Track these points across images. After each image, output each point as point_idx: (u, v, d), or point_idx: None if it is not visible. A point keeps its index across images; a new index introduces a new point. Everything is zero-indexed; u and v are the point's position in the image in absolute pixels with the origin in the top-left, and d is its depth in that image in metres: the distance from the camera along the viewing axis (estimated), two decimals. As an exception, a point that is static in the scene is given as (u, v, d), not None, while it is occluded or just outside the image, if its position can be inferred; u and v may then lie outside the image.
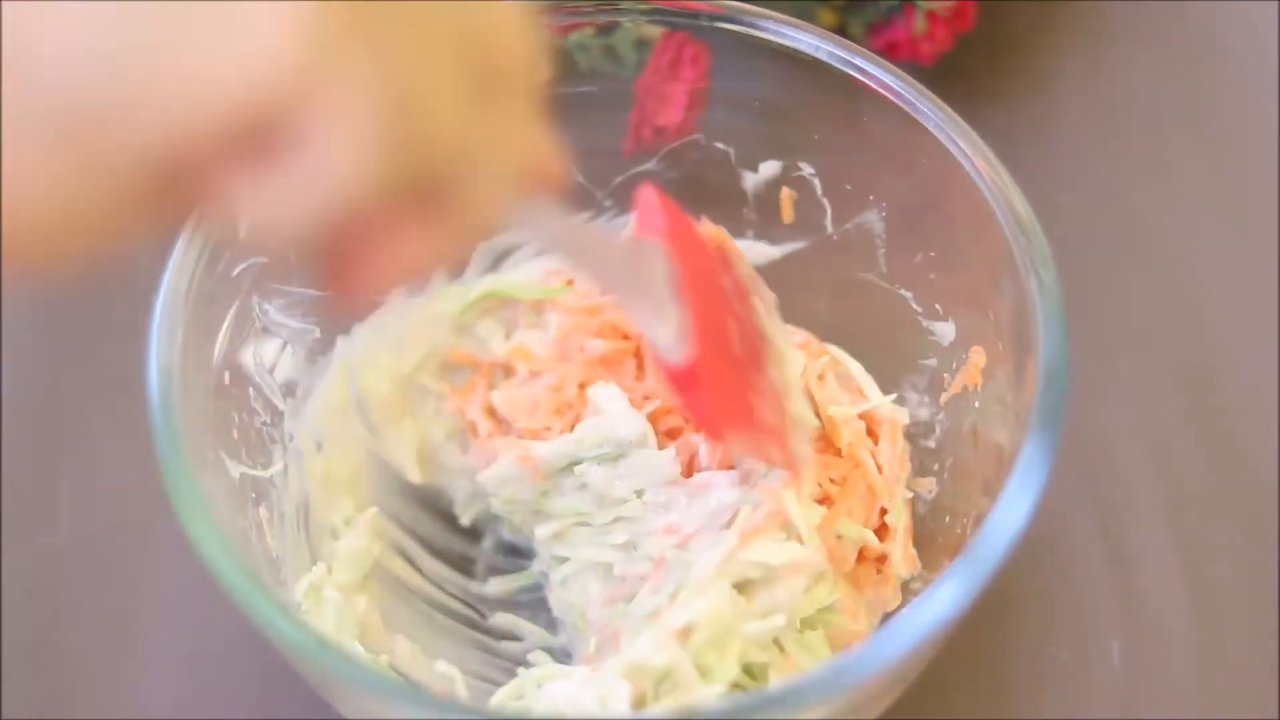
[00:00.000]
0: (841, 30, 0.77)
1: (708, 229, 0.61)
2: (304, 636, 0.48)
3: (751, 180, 0.66)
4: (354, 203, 0.33)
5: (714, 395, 0.53)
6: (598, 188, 0.67)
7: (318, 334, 0.62)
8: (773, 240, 0.67)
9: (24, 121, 0.30)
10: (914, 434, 0.64)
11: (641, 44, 0.66)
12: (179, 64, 0.30)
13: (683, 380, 0.52)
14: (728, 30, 0.61)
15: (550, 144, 0.41)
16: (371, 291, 0.37)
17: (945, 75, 0.72)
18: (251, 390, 0.59)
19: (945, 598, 0.48)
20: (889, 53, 0.76)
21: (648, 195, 0.54)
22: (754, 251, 0.68)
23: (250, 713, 0.63)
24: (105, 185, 0.31)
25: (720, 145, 0.66)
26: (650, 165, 0.66)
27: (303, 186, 0.32)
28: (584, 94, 0.66)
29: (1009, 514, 0.49)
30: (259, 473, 0.58)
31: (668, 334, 0.52)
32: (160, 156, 0.31)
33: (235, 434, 0.57)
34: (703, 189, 0.67)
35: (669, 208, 0.54)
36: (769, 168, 0.65)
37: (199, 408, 0.54)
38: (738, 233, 0.67)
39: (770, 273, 0.67)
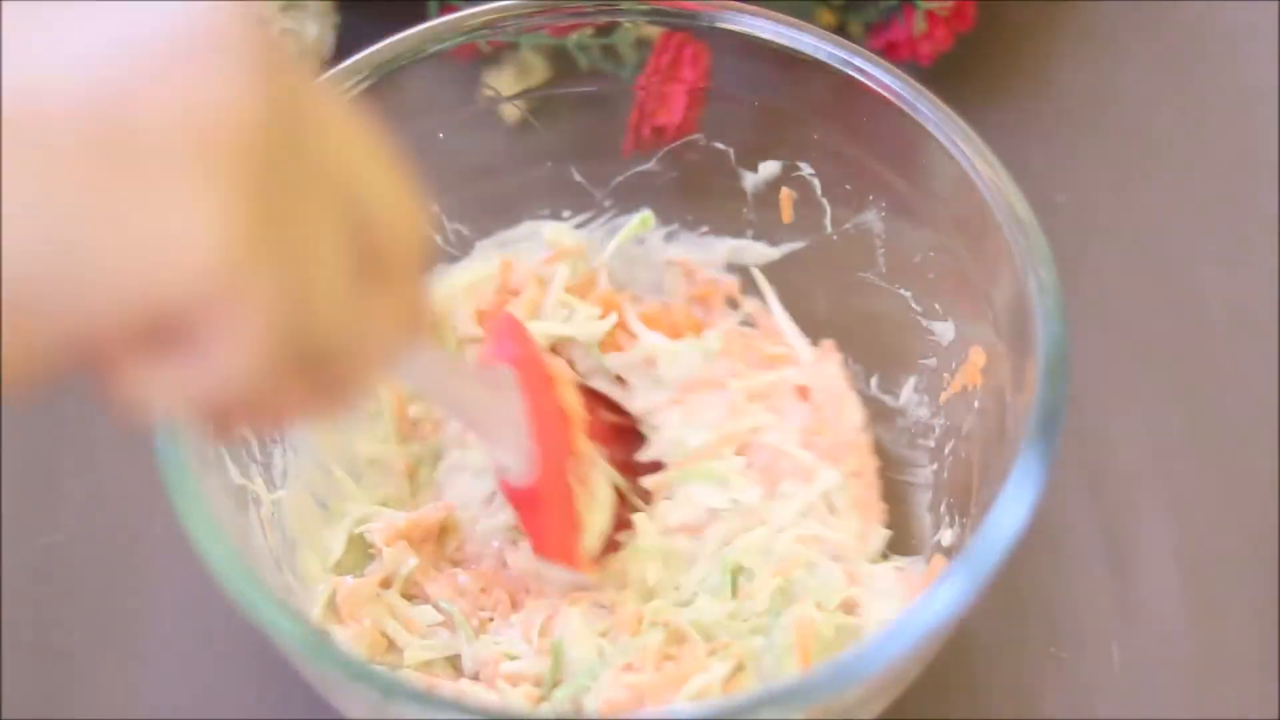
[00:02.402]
0: (841, 30, 0.77)
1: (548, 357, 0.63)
2: (305, 635, 0.48)
3: (751, 180, 0.66)
4: (243, 390, 0.35)
5: (548, 515, 0.57)
6: (597, 188, 0.67)
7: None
8: (772, 240, 0.67)
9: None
10: (913, 433, 0.64)
11: (641, 44, 0.66)
12: (105, 260, 0.32)
13: (526, 501, 0.57)
14: (728, 30, 0.61)
15: (425, 301, 0.42)
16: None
17: (945, 75, 0.72)
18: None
19: (945, 598, 0.48)
20: (889, 53, 0.76)
21: (502, 323, 0.59)
22: (753, 252, 0.68)
23: (250, 713, 0.63)
24: (18, 359, 0.33)
25: (720, 145, 0.66)
26: (649, 165, 0.66)
27: (197, 377, 0.34)
28: (584, 94, 0.66)
29: (1009, 514, 0.49)
30: (255, 484, 0.58)
31: (517, 460, 0.56)
32: (82, 334, 0.33)
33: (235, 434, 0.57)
34: (702, 189, 0.67)
35: (520, 335, 0.59)
36: (768, 168, 0.65)
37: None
38: (737, 233, 0.68)
39: (770, 273, 0.68)
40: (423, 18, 0.61)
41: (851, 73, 0.60)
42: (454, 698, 0.55)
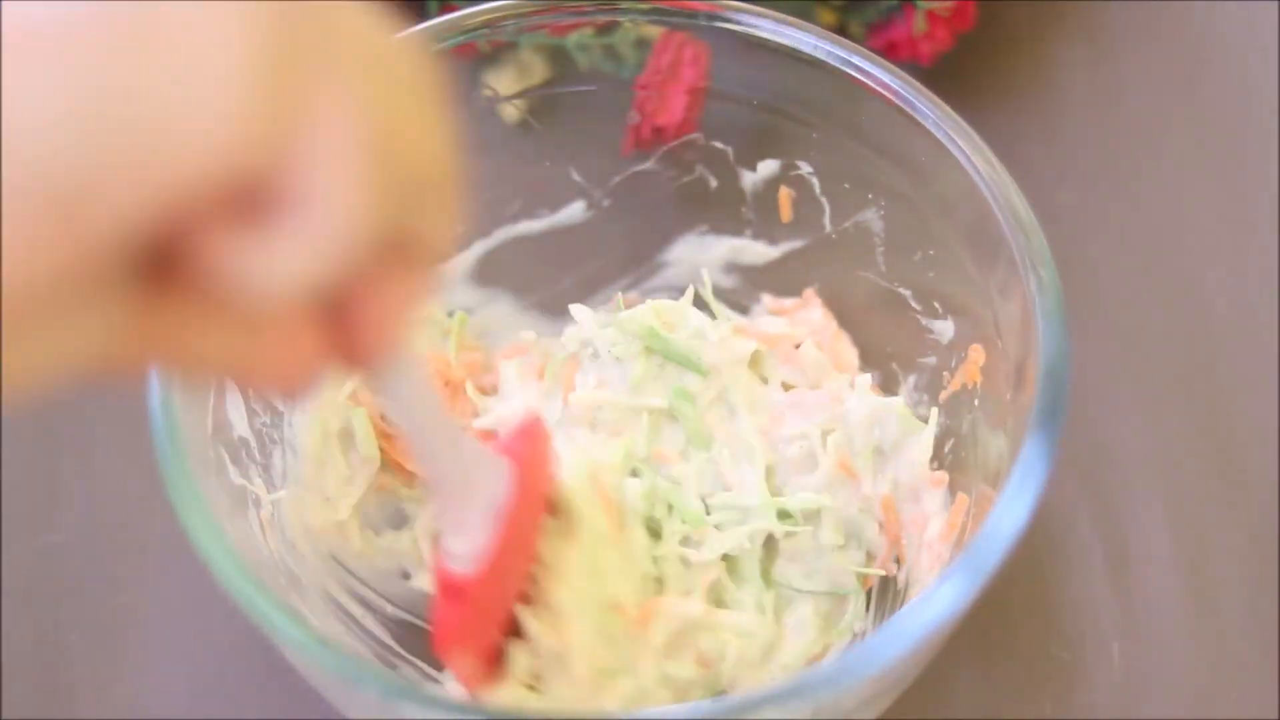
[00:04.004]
0: (841, 30, 0.77)
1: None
2: (305, 636, 0.48)
3: (750, 179, 0.66)
4: (360, 247, 0.32)
5: (465, 618, 0.52)
6: (596, 187, 0.67)
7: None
8: (771, 240, 0.67)
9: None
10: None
11: (641, 44, 0.66)
12: (144, 122, 0.29)
13: (451, 591, 0.51)
14: (728, 30, 0.61)
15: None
16: (378, 352, 0.36)
17: (945, 75, 0.72)
18: (251, 390, 0.59)
19: (945, 598, 0.48)
20: (889, 53, 0.76)
21: (528, 421, 0.54)
22: (752, 251, 0.68)
23: (251, 713, 0.63)
24: (93, 267, 0.30)
25: (719, 144, 0.66)
26: (649, 165, 0.67)
27: (308, 238, 0.31)
28: (584, 94, 0.66)
29: (1009, 514, 0.49)
30: (255, 484, 0.58)
31: (464, 547, 0.50)
32: (144, 226, 0.30)
33: (235, 435, 0.57)
34: (701, 188, 0.67)
35: (537, 439, 0.54)
36: (767, 167, 0.65)
37: (199, 408, 0.54)
38: (736, 232, 0.68)
39: (769, 272, 0.68)
40: (423, 17, 0.61)
41: (851, 72, 0.60)
42: (454, 699, 0.55)
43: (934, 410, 0.62)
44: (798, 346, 0.66)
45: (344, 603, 0.60)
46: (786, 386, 0.64)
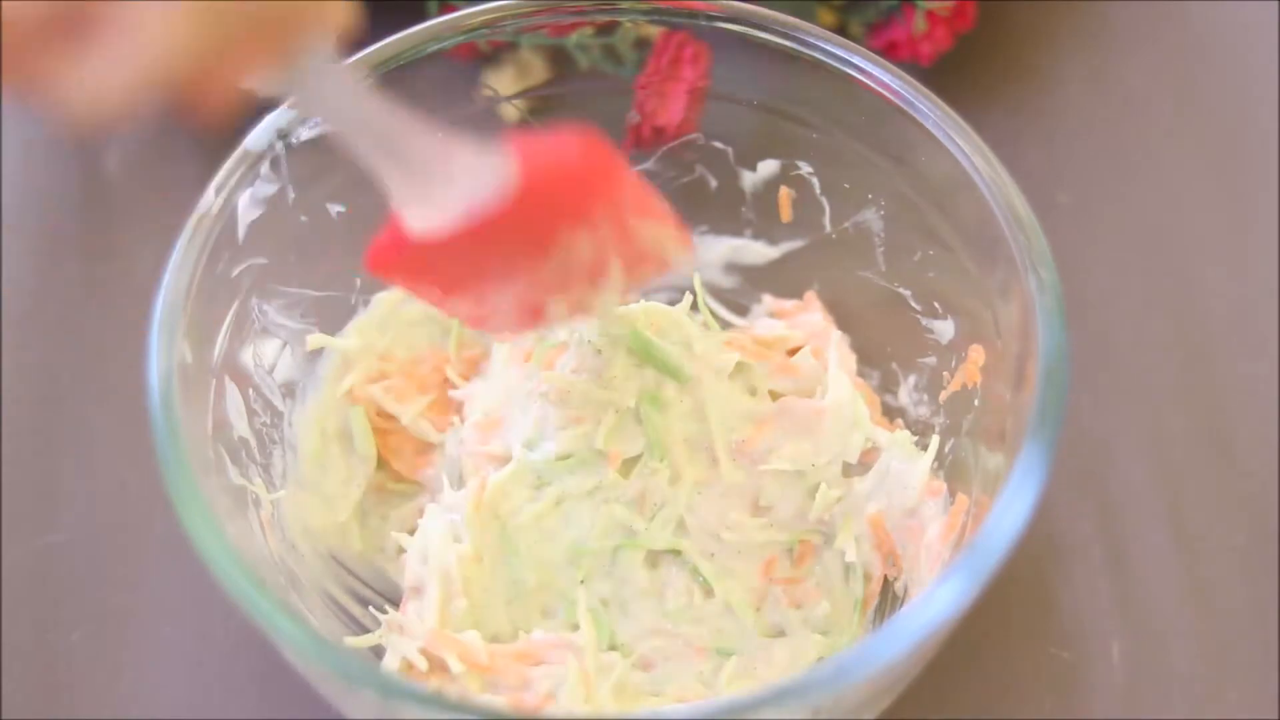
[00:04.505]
0: (841, 30, 0.77)
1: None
2: (305, 636, 0.48)
3: (750, 179, 0.66)
4: (176, 67, 0.34)
5: (400, 259, 0.52)
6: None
7: (317, 334, 0.62)
8: (771, 240, 0.67)
9: None
10: (913, 432, 0.64)
11: (641, 44, 0.66)
12: None
13: (396, 235, 0.51)
14: (728, 30, 0.61)
15: None
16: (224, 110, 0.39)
17: (945, 75, 0.72)
18: (251, 390, 0.59)
19: (945, 598, 0.48)
20: (889, 52, 0.76)
21: (570, 139, 0.50)
22: (752, 251, 0.68)
23: (250, 713, 0.63)
24: None
25: (718, 144, 0.66)
26: (648, 165, 0.66)
27: (122, 60, 0.34)
28: (584, 94, 0.66)
29: (1009, 513, 0.49)
30: (255, 484, 0.58)
31: (420, 222, 0.50)
32: None
33: (235, 435, 0.57)
34: (701, 188, 0.67)
35: (588, 156, 0.50)
36: (767, 167, 0.65)
37: (199, 408, 0.54)
38: (736, 232, 0.68)
39: (769, 272, 0.68)
40: (422, 17, 0.61)
41: (851, 72, 0.60)
42: (454, 699, 0.55)
43: (934, 439, 0.62)
44: (794, 351, 0.66)
45: (344, 603, 0.60)
46: (774, 395, 0.64)
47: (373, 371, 0.64)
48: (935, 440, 0.62)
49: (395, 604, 0.61)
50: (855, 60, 0.60)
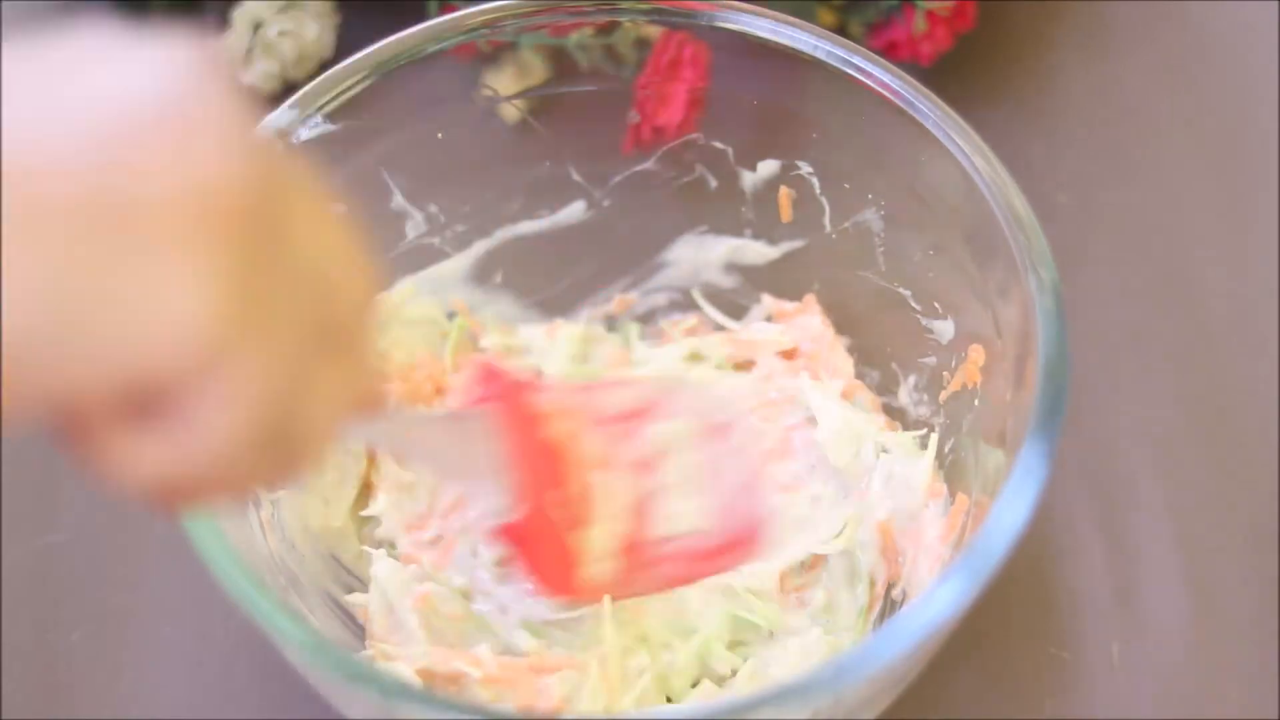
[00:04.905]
0: (841, 30, 0.77)
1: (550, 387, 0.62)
2: (306, 636, 0.48)
3: (750, 179, 0.66)
4: (220, 462, 0.35)
5: (539, 549, 0.56)
6: (596, 187, 0.67)
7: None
8: (771, 240, 0.67)
9: None
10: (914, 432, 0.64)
11: (641, 44, 0.66)
12: (101, 322, 0.32)
13: (518, 539, 0.56)
14: (728, 30, 0.61)
15: (376, 373, 0.43)
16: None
17: (945, 75, 0.72)
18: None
19: (945, 598, 0.48)
20: (889, 53, 0.76)
21: (477, 371, 0.59)
22: (752, 251, 0.68)
23: (250, 713, 0.63)
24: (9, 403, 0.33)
25: (718, 144, 0.66)
26: (649, 165, 0.67)
27: (176, 447, 0.34)
28: (584, 94, 0.66)
29: (1009, 513, 0.49)
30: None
31: (497, 500, 0.55)
32: (65, 394, 0.33)
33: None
34: (701, 188, 0.67)
35: (495, 378, 0.58)
36: (767, 167, 0.65)
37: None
38: (736, 232, 0.68)
39: (768, 271, 0.68)
40: (422, 17, 0.61)
41: (851, 72, 0.60)
42: (454, 699, 0.55)
43: (933, 437, 0.62)
44: (788, 354, 0.66)
45: (345, 603, 0.60)
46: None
47: None
48: (934, 440, 0.62)
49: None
50: (855, 60, 0.59)
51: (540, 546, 0.56)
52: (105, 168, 0.32)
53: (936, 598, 0.48)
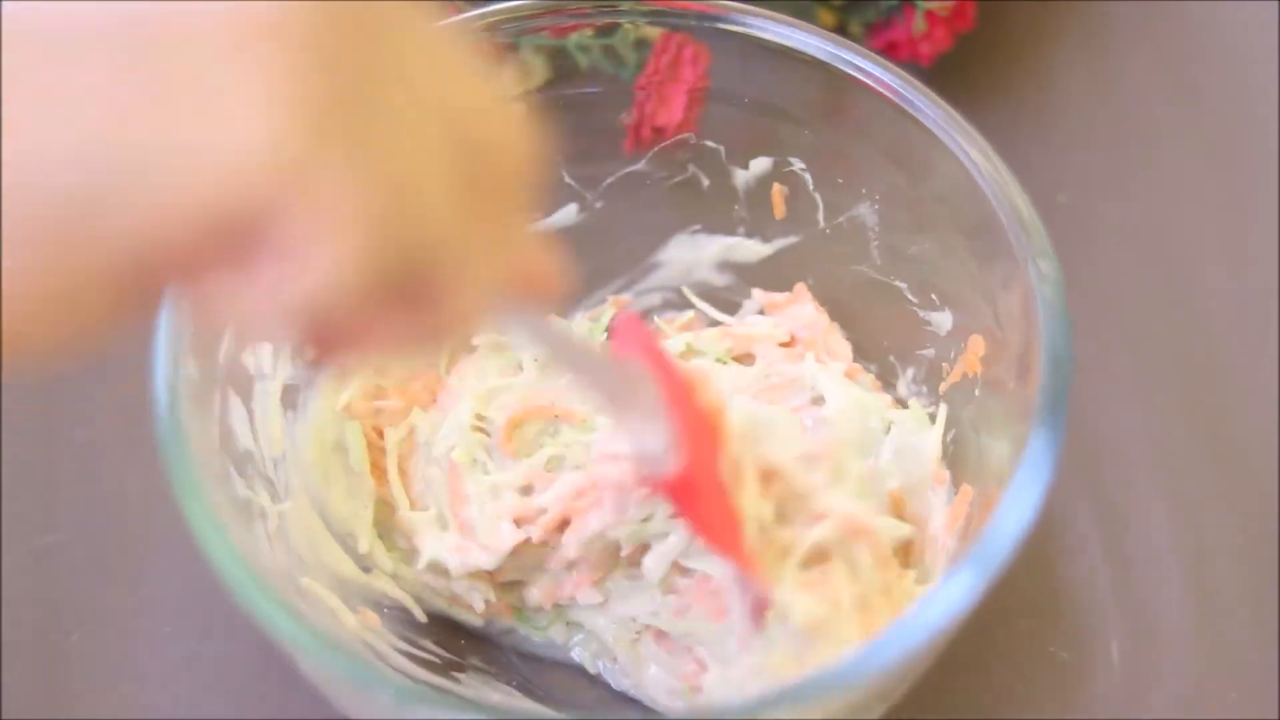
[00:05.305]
0: (841, 30, 0.77)
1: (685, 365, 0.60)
2: (308, 636, 0.48)
3: (742, 177, 0.66)
4: (335, 301, 0.32)
5: (710, 505, 0.53)
6: (588, 189, 0.67)
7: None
8: (764, 237, 0.67)
9: (7, 220, 0.29)
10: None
11: (641, 44, 0.66)
12: (159, 162, 0.29)
13: (680, 490, 0.52)
14: (727, 30, 0.61)
15: (544, 252, 0.40)
16: (351, 362, 0.36)
17: (945, 75, 0.72)
18: (255, 391, 0.59)
19: (952, 596, 0.48)
20: (889, 53, 0.76)
21: (626, 319, 0.55)
22: (745, 249, 0.68)
23: (251, 712, 0.63)
24: (87, 282, 0.31)
25: (710, 143, 0.66)
26: (640, 165, 0.66)
27: (282, 287, 0.31)
28: (584, 94, 0.66)
29: (1016, 508, 0.49)
30: (260, 496, 0.57)
31: (658, 445, 0.51)
32: (140, 254, 0.30)
33: (240, 447, 0.57)
34: (694, 188, 0.67)
35: (644, 333, 0.55)
36: (759, 164, 0.65)
37: (203, 410, 0.54)
38: (729, 230, 0.68)
39: (763, 268, 0.68)
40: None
41: (850, 71, 0.60)
42: (468, 698, 0.55)
43: (942, 406, 0.62)
44: (785, 345, 0.66)
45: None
46: None
47: (369, 387, 0.63)
48: (944, 412, 0.62)
49: (404, 610, 0.61)
50: (855, 60, 0.60)
51: (709, 505, 0.53)
52: None
53: (943, 595, 0.48)
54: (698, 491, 0.52)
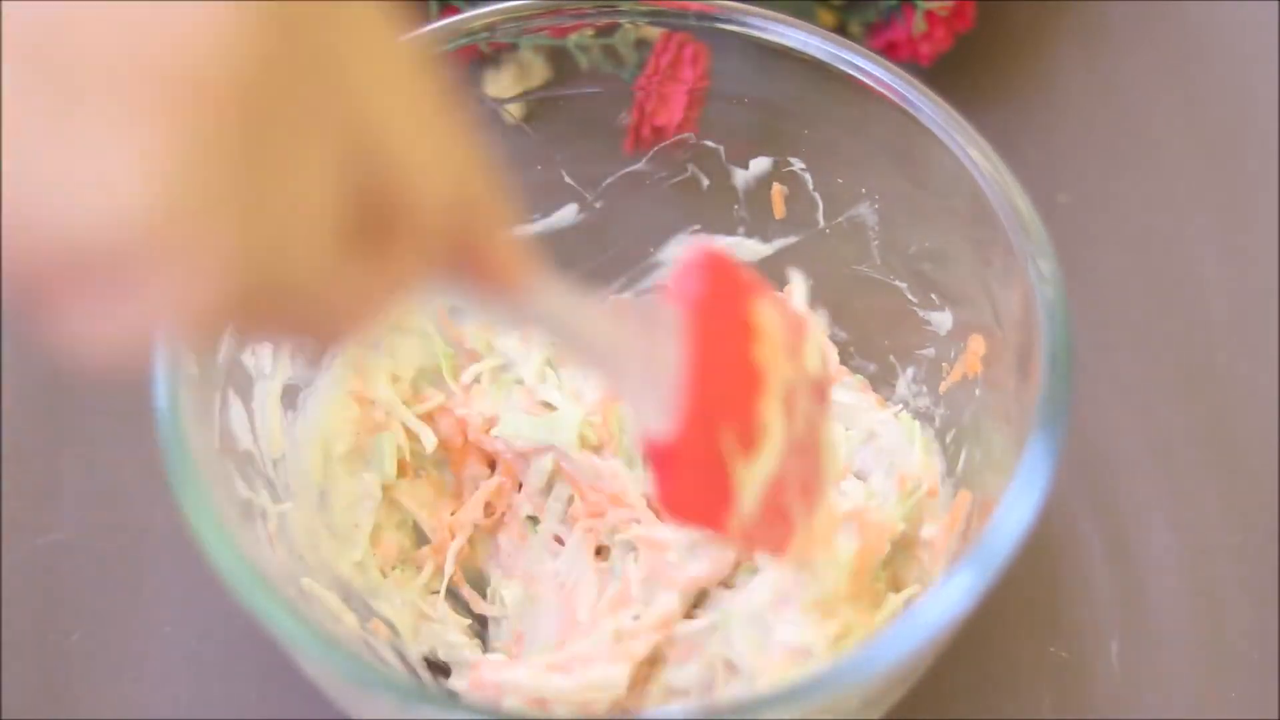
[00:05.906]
0: (841, 30, 0.77)
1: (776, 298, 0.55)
2: (310, 636, 0.48)
3: (742, 177, 0.66)
4: (185, 335, 0.33)
5: (685, 477, 0.50)
6: (588, 189, 0.67)
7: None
8: (764, 237, 0.67)
9: None
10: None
11: (641, 44, 0.66)
12: (44, 189, 0.29)
13: (659, 459, 0.49)
14: (728, 30, 0.61)
15: (505, 233, 0.40)
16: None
17: (945, 75, 0.72)
18: (255, 391, 0.59)
19: (953, 596, 0.48)
20: (889, 53, 0.76)
21: (697, 258, 0.50)
22: (745, 249, 0.68)
23: (251, 712, 0.63)
24: None
25: (710, 143, 0.66)
26: (640, 165, 0.66)
27: (126, 319, 0.31)
28: (584, 94, 0.66)
29: (1017, 508, 0.49)
30: (260, 496, 0.57)
31: (655, 410, 0.48)
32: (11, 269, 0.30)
33: (239, 439, 0.57)
34: (693, 188, 0.67)
35: (713, 275, 0.50)
36: (759, 164, 0.65)
37: (203, 410, 0.54)
38: (729, 230, 0.68)
39: (762, 268, 0.68)
40: (424, 20, 0.61)
41: (850, 71, 0.60)
42: (454, 698, 0.55)
43: (933, 430, 0.62)
44: None
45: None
46: None
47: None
48: (937, 422, 0.62)
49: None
50: (855, 60, 0.60)
51: (693, 472, 0.50)
52: (45, 16, 0.29)
53: (943, 596, 0.48)
54: (677, 464, 0.49)
